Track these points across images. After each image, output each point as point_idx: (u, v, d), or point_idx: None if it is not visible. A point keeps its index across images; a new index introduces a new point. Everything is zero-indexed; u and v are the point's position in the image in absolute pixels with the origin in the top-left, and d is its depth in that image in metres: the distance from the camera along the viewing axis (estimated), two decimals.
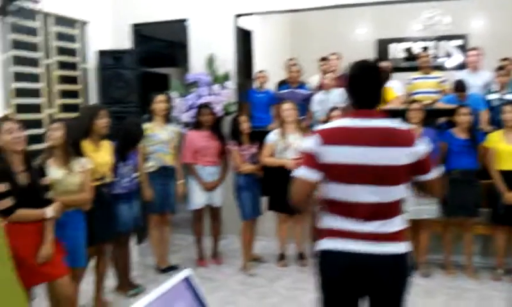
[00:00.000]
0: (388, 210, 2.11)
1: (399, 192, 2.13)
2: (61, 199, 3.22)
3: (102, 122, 3.78)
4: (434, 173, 2.19)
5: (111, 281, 4.28)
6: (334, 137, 2.11)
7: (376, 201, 2.07)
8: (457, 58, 8.56)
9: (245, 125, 4.82)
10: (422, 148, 2.13)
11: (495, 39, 7.47)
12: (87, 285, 3.92)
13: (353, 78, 2.18)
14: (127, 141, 4.13)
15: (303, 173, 2.15)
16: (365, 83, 2.14)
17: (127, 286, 4.31)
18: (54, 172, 3.25)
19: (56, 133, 3.30)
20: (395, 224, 2.13)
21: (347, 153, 2.07)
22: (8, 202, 2.80)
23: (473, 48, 6.04)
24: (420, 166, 2.12)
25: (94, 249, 3.78)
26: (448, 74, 6.35)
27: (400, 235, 2.13)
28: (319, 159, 2.11)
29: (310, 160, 2.14)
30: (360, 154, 2.06)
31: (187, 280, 1.65)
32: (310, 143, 2.16)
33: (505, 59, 6.14)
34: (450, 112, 5.06)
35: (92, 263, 3.92)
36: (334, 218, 2.15)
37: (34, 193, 2.92)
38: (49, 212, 2.93)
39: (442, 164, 4.50)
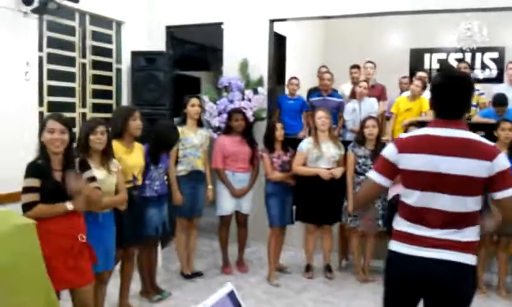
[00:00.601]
0: (461, 220, 2.14)
1: (473, 203, 2.14)
2: (104, 200, 3.22)
3: (136, 124, 3.75)
4: (508, 193, 2.11)
5: (135, 285, 4.25)
6: (412, 146, 2.22)
7: (450, 210, 2.13)
8: (492, 71, 8.36)
9: (280, 132, 4.77)
10: (501, 163, 2.11)
11: None
12: (112, 288, 3.90)
13: (439, 87, 2.24)
14: (159, 144, 4.10)
15: (374, 176, 2.31)
16: (450, 93, 2.18)
17: (152, 291, 4.27)
18: (96, 172, 3.24)
19: (104, 137, 3.30)
20: (466, 235, 2.14)
21: (423, 161, 2.16)
22: (33, 197, 2.77)
23: None
24: (495, 182, 2.10)
25: (121, 252, 3.76)
26: (484, 87, 6.18)
27: (469, 246, 2.15)
28: (396, 166, 2.24)
29: (383, 165, 2.29)
30: (436, 162, 2.13)
31: (231, 294, 1.65)
32: (387, 150, 2.30)
33: None
34: (488, 127, 4.92)
35: (118, 266, 3.90)
36: (406, 223, 2.24)
37: (64, 192, 2.89)
38: (69, 205, 2.88)
39: None
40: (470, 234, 2.15)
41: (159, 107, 5.55)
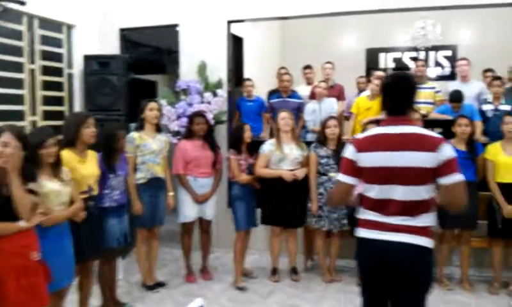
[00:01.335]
0: (415, 207, 2.35)
1: (425, 192, 2.35)
2: (58, 211, 3.09)
3: (89, 131, 3.54)
4: (455, 178, 2.31)
5: (95, 299, 4.04)
6: (367, 145, 2.46)
7: (405, 199, 2.34)
8: (445, 69, 8.59)
9: (248, 134, 4.68)
10: (445, 153, 2.30)
11: (483, 51, 7.48)
12: (70, 305, 3.69)
13: (385, 87, 2.49)
14: (107, 149, 3.88)
15: (342, 178, 2.53)
16: (396, 92, 2.43)
17: (113, 305, 4.09)
18: (50, 184, 3.06)
19: (55, 149, 3.12)
20: (420, 221, 2.36)
21: (379, 158, 2.39)
22: None
23: (463, 59, 6.03)
24: (441, 170, 2.30)
25: (79, 266, 3.55)
26: (438, 84, 6.31)
27: (424, 230, 2.37)
28: (356, 165, 2.46)
29: (347, 166, 2.51)
30: (390, 158, 2.36)
31: None
32: (347, 151, 2.52)
33: (487, 70, 6.14)
34: (445, 123, 5.01)
35: (76, 280, 3.69)
36: (369, 212, 2.47)
37: (13, 208, 2.69)
38: (22, 223, 2.70)
39: None
40: (424, 220, 2.37)
41: (114, 112, 5.36)
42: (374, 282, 2.51)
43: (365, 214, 2.50)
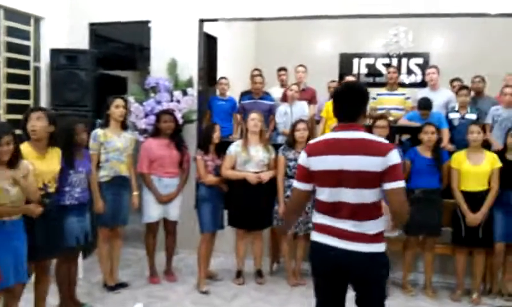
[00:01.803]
0: (363, 211, 2.40)
1: (372, 195, 2.40)
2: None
3: (29, 126, 3.39)
4: (397, 184, 2.36)
5: (52, 299, 3.93)
6: (317, 149, 2.51)
7: (353, 202, 2.40)
8: (416, 76, 8.69)
9: (218, 134, 4.63)
10: (392, 158, 2.36)
11: (455, 59, 7.60)
12: (26, 304, 3.58)
13: (336, 96, 2.58)
14: (63, 143, 3.71)
15: (296, 184, 2.59)
16: (345, 100, 2.51)
17: (72, 305, 3.98)
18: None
19: (10, 148, 3.01)
20: (369, 228, 2.41)
21: (329, 162, 2.44)
22: None
23: (432, 67, 6.10)
24: (386, 175, 2.35)
25: (35, 264, 3.46)
26: (410, 91, 6.38)
27: (373, 238, 2.41)
28: (309, 170, 2.50)
29: (301, 172, 2.56)
30: (339, 161, 2.40)
31: None
32: (300, 157, 2.59)
33: (455, 80, 6.24)
34: (413, 130, 5.04)
35: (32, 279, 3.58)
36: (321, 215, 2.52)
37: None
38: None
39: (405, 182, 4.43)
40: (374, 226, 2.41)
41: (81, 108, 5.24)
42: (328, 284, 2.57)
43: (319, 218, 2.55)
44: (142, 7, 5.71)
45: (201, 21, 5.64)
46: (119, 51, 7.21)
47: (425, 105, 5.26)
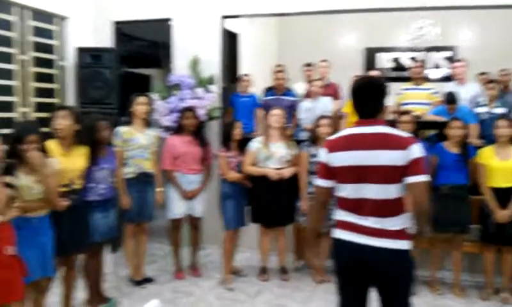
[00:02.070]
0: (387, 207, 2.36)
1: (395, 190, 2.36)
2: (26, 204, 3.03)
3: (54, 125, 3.48)
4: (419, 178, 2.32)
5: (81, 293, 4.02)
6: (338, 145, 2.47)
7: (376, 198, 2.36)
8: (444, 70, 8.49)
9: (238, 131, 4.63)
10: (414, 152, 2.33)
11: (483, 52, 7.42)
12: (55, 297, 3.67)
13: (354, 91, 2.49)
14: (90, 142, 3.80)
15: (319, 182, 2.56)
16: (362, 96, 2.45)
17: (98, 300, 4.05)
18: (24, 178, 3.02)
19: (35, 146, 3.07)
20: (394, 224, 2.36)
21: (350, 157, 2.40)
22: None
23: (460, 60, 5.96)
24: (408, 168, 2.31)
25: (63, 259, 3.53)
26: (436, 86, 6.24)
27: (398, 233, 2.36)
28: (329, 166, 2.47)
29: (322, 169, 2.53)
30: (361, 157, 2.37)
31: None
32: (321, 154, 2.55)
33: (482, 74, 6.08)
34: (440, 125, 4.94)
35: (60, 273, 3.66)
36: (343, 212, 2.48)
37: None
38: None
39: (432, 178, 4.35)
40: (398, 222, 2.37)
41: (106, 105, 5.30)
42: (351, 281, 2.52)
43: (341, 215, 2.50)
44: (164, 5, 5.74)
45: (223, 18, 5.64)
46: (143, 49, 7.26)
47: (451, 99, 5.15)
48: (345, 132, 2.54)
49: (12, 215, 2.78)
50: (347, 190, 2.44)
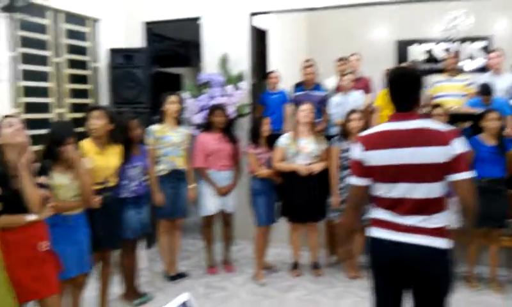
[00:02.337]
0: (428, 206, 2.25)
1: (437, 188, 2.25)
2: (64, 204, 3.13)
3: (89, 124, 3.58)
4: (466, 175, 2.22)
5: (117, 288, 4.12)
6: (374, 142, 2.35)
7: (417, 197, 2.25)
8: (479, 61, 8.25)
9: (266, 127, 4.64)
10: (457, 147, 2.22)
11: None
12: (91, 292, 3.77)
13: (390, 83, 2.37)
14: (123, 141, 3.87)
15: (354, 181, 2.44)
16: (399, 88, 2.33)
17: (134, 295, 4.13)
18: (60, 177, 3.11)
19: (74, 147, 3.18)
20: (434, 222, 2.26)
21: (386, 156, 2.29)
22: None
23: (495, 50, 5.79)
24: (451, 165, 2.20)
25: (98, 255, 3.63)
26: (471, 77, 6.08)
27: (439, 231, 2.26)
28: (364, 164, 2.36)
29: (357, 167, 2.41)
30: (398, 155, 2.26)
31: (186, 304, 1.51)
32: (355, 151, 2.42)
33: None
34: (475, 117, 4.82)
35: (96, 269, 3.76)
36: (381, 210, 2.37)
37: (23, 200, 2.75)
38: (30, 216, 2.77)
39: None
40: (439, 220, 2.27)
41: (138, 105, 5.40)
42: (388, 282, 2.42)
43: (378, 213, 2.40)
44: (193, 4, 5.79)
45: (252, 14, 5.65)
46: (173, 48, 7.36)
47: (486, 90, 5.01)
48: (380, 127, 2.42)
49: (46, 214, 2.87)
50: (384, 189, 2.33)
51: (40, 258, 2.79)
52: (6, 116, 2.83)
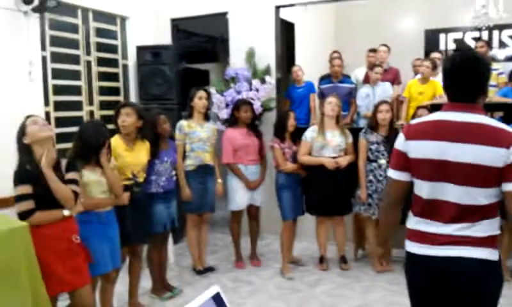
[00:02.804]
0: (474, 213, 1.94)
1: (485, 196, 1.92)
2: (97, 199, 3.23)
3: (119, 121, 3.65)
4: None
5: (146, 282, 4.21)
6: (419, 132, 2.05)
7: (460, 202, 1.94)
8: (510, 49, 8.03)
9: (292, 122, 4.65)
10: None
11: None
12: (122, 287, 3.86)
13: (450, 70, 2.04)
14: (151, 136, 3.94)
15: (391, 174, 2.16)
16: (462, 75, 1.99)
17: (163, 289, 4.21)
18: (90, 174, 3.20)
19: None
20: (481, 229, 1.95)
21: (429, 148, 1.98)
22: (27, 204, 2.73)
23: None
24: (509, 171, 1.87)
25: (128, 250, 3.71)
26: (502, 66, 5.93)
27: (486, 240, 1.95)
28: (407, 156, 2.06)
29: (398, 159, 2.12)
30: (443, 149, 1.95)
31: (217, 296, 1.53)
32: (398, 140, 2.13)
33: None
34: (507, 107, 4.71)
35: (126, 264, 3.86)
36: (416, 219, 2.08)
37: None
38: (66, 211, 2.86)
39: None
40: (485, 228, 1.95)
41: (167, 101, 5.47)
42: (427, 303, 2.13)
43: (414, 222, 2.10)
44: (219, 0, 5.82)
45: (277, 8, 5.63)
46: (200, 44, 7.41)
47: None
48: (432, 116, 2.09)
49: (77, 210, 2.97)
50: (424, 189, 2.03)
51: (73, 250, 2.89)
52: (28, 116, 2.91)
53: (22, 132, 2.84)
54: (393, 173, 2.14)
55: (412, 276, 2.17)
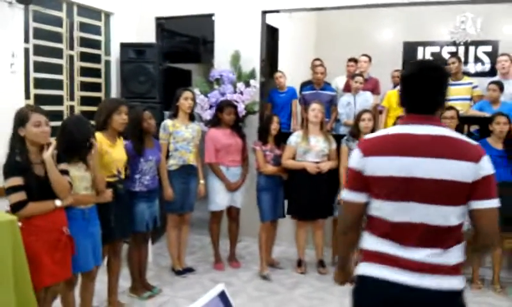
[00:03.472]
0: (443, 236, 1.77)
1: (456, 215, 1.77)
2: (81, 195, 3.20)
3: (119, 118, 3.60)
4: (492, 203, 1.77)
5: (125, 281, 4.17)
6: (377, 147, 1.86)
7: (428, 223, 1.76)
8: (485, 65, 8.32)
9: (276, 126, 4.70)
10: (486, 166, 1.76)
11: None
12: (100, 285, 3.81)
13: (409, 78, 1.89)
14: (136, 133, 3.94)
15: (346, 195, 1.94)
16: (422, 84, 1.84)
17: (142, 288, 4.18)
18: (74, 169, 3.16)
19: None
20: (452, 256, 1.79)
21: (392, 165, 1.79)
22: (19, 196, 2.70)
23: (504, 54, 5.85)
24: (478, 188, 1.75)
25: (108, 248, 3.66)
26: (476, 80, 6.13)
27: (457, 268, 1.80)
28: (363, 174, 1.86)
29: (354, 178, 1.91)
30: (408, 165, 1.76)
31: (222, 294, 1.57)
32: (352, 157, 1.92)
33: None
34: (482, 120, 4.88)
35: (105, 262, 3.80)
36: (377, 240, 1.85)
37: (48, 187, 2.82)
38: (58, 202, 2.85)
39: None
40: (456, 254, 1.80)
41: (149, 99, 5.43)
42: None
43: (373, 243, 1.87)
44: (205, 1, 5.82)
45: (264, 13, 5.68)
46: (184, 44, 7.40)
47: (497, 81, 5.11)
48: (388, 130, 1.93)
49: (69, 202, 2.94)
50: (385, 210, 1.82)
51: (63, 241, 2.88)
52: (33, 109, 2.85)
53: (20, 122, 2.79)
54: (349, 195, 1.92)
55: (364, 302, 1.91)
